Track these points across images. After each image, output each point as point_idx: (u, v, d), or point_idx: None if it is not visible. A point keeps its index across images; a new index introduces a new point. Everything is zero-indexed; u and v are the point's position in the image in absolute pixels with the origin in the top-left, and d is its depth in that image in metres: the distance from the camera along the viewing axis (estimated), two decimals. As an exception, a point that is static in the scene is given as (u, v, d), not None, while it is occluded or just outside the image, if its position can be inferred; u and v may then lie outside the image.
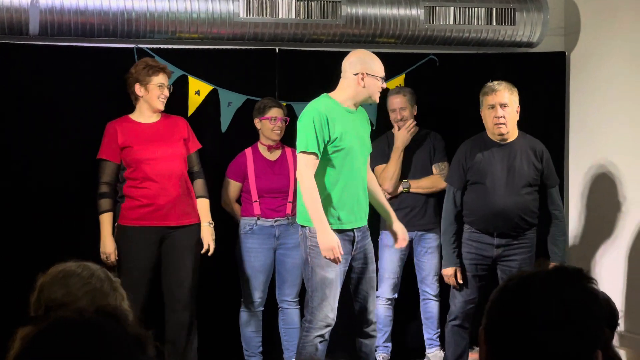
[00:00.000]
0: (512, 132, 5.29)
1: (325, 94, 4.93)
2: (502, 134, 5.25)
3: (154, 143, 5.33)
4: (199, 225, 5.42)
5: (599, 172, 6.38)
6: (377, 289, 5.39)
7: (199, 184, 5.49)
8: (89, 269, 2.47)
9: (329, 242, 4.69)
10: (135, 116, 5.41)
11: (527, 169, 5.25)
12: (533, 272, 1.71)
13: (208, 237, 5.42)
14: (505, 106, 5.21)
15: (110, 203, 5.33)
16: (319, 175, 4.80)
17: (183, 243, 5.35)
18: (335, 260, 4.70)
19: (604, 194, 6.36)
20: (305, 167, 4.75)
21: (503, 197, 5.20)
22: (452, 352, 5.43)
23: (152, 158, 5.29)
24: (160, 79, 5.35)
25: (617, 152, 6.24)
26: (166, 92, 5.39)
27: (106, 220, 5.30)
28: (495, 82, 5.28)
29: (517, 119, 5.31)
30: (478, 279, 5.30)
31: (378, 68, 4.90)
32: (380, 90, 4.95)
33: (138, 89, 5.35)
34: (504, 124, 5.22)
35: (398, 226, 5.12)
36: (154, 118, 5.41)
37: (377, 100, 5.04)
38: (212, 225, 5.45)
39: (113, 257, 5.26)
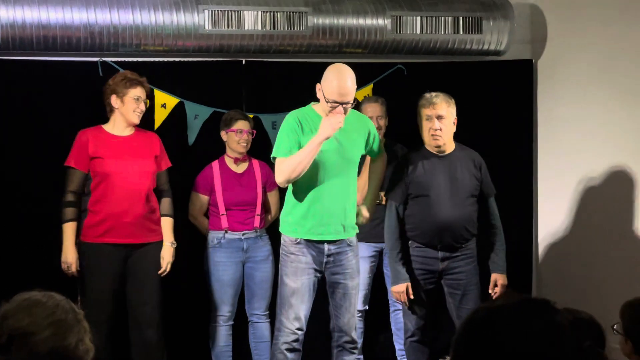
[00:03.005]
0: (448, 144, 5.25)
1: (312, 102, 4.87)
2: (438, 146, 5.23)
3: (125, 157, 5.24)
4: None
5: (567, 179, 6.39)
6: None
7: (166, 202, 5.41)
8: (54, 299, 2.45)
9: (326, 130, 4.62)
10: (108, 127, 5.32)
11: (469, 180, 5.24)
12: (499, 305, 1.68)
13: (168, 257, 5.34)
14: (442, 118, 5.16)
15: (75, 212, 5.22)
16: (291, 184, 4.78)
17: (148, 260, 5.28)
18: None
19: (573, 201, 6.37)
20: (276, 172, 4.79)
21: (448, 209, 5.17)
22: None
23: (122, 172, 5.20)
24: (137, 92, 5.27)
25: (584, 159, 6.26)
26: (142, 106, 5.32)
27: (69, 229, 5.19)
28: (433, 94, 5.22)
29: (454, 130, 5.25)
30: (427, 293, 5.27)
31: (329, 89, 4.67)
32: (329, 110, 4.67)
33: (114, 101, 5.27)
34: (440, 136, 5.19)
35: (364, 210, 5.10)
36: (127, 132, 5.33)
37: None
38: (174, 246, 5.37)
39: (74, 267, 5.17)
